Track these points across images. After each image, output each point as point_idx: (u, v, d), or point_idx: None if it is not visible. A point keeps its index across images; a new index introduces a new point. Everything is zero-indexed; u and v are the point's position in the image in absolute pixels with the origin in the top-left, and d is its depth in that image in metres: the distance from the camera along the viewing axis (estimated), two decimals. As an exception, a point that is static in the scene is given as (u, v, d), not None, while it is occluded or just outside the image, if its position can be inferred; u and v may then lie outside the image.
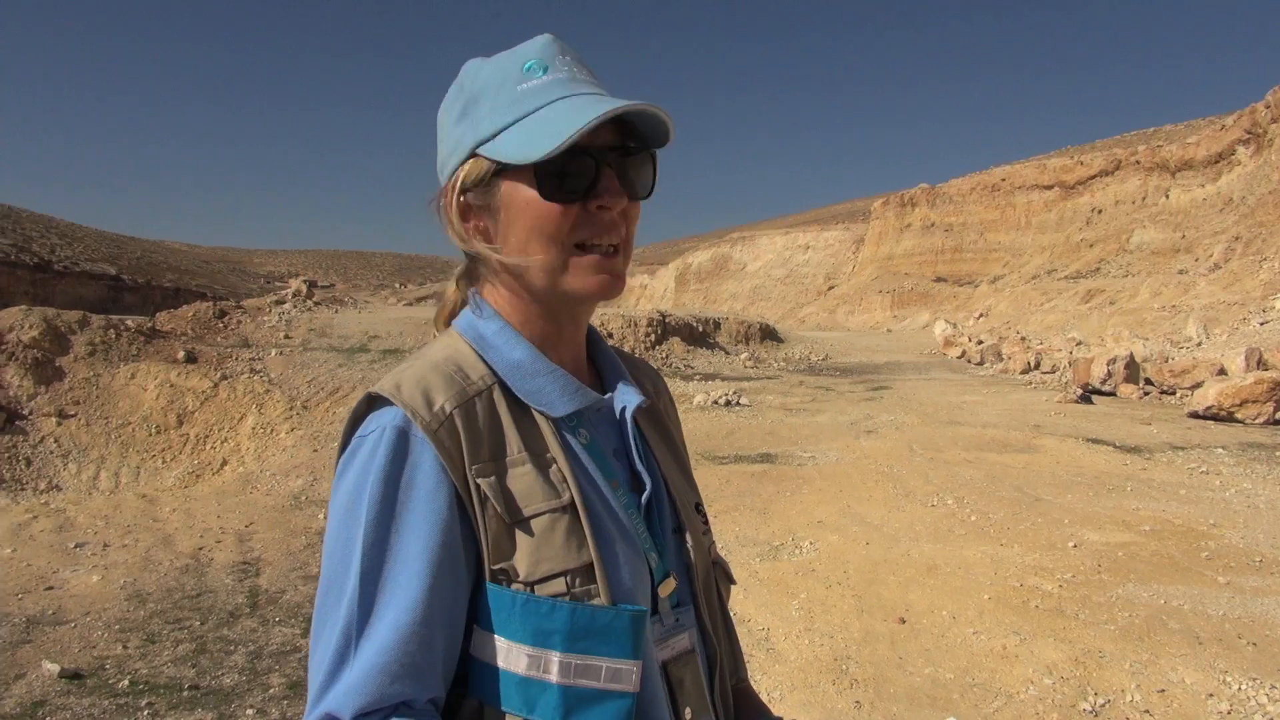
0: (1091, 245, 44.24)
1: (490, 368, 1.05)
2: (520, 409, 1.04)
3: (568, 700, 0.94)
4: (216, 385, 14.46)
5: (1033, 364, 22.21)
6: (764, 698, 4.55)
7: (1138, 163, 45.28)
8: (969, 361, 26.15)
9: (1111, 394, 16.76)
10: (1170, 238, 38.74)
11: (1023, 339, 27.08)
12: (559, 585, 0.96)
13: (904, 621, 5.52)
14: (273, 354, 16.60)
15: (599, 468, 1.05)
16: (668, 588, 1.07)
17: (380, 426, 0.96)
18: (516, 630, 0.95)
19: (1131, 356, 17.55)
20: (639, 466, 1.11)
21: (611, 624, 0.96)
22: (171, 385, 14.30)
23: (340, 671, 0.90)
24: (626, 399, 1.12)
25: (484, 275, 1.11)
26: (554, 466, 1.01)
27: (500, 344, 1.06)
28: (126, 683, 5.09)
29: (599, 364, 1.19)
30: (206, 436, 13.49)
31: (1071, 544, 6.87)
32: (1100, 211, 46.31)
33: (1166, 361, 17.74)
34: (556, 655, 0.94)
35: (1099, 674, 4.70)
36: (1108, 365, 17.16)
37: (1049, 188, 51.33)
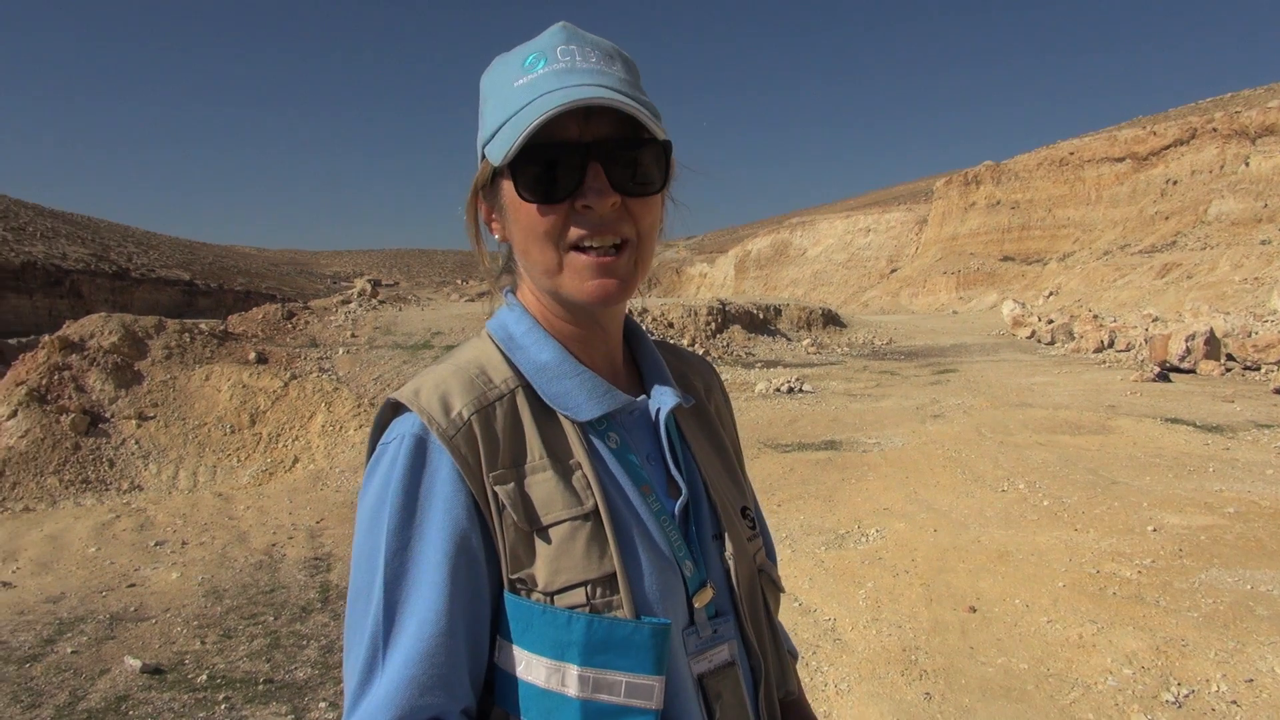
0: (1167, 218, 42.72)
1: (516, 369, 1.02)
2: (545, 412, 1.00)
3: (587, 714, 0.91)
4: (287, 385, 14.80)
5: (1106, 342, 21.53)
6: (831, 689, 4.50)
7: (1215, 130, 43.54)
8: (1039, 341, 25.46)
9: (1191, 371, 16.16)
10: (1251, 207, 37.21)
11: (1095, 317, 26.26)
12: (579, 596, 0.92)
13: (975, 610, 5.39)
14: (340, 353, 16.94)
15: (629, 473, 1.01)
16: (704, 598, 1.02)
17: (400, 434, 0.95)
18: (535, 641, 0.92)
19: (1211, 332, 16.88)
20: (674, 471, 1.06)
21: (631, 637, 0.92)
22: (244, 386, 14.68)
23: (370, 683, 0.89)
24: (662, 400, 1.07)
25: (517, 273, 1.08)
26: (578, 473, 0.97)
27: (528, 344, 1.03)
28: (204, 677, 5.23)
29: (640, 363, 1.14)
30: (278, 435, 13.82)
31: (1150, 528, 6.63)
32: (1175, 182, 44.67)
33: (1249, 336, 17.05)
34: (575, 668, 0.91)
35: (1182, 663, 4.51)
36: (1186, 342, 16.54)
37: (1120, 160, 49.69)
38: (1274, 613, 5.02)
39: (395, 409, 0.98)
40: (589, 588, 0.93)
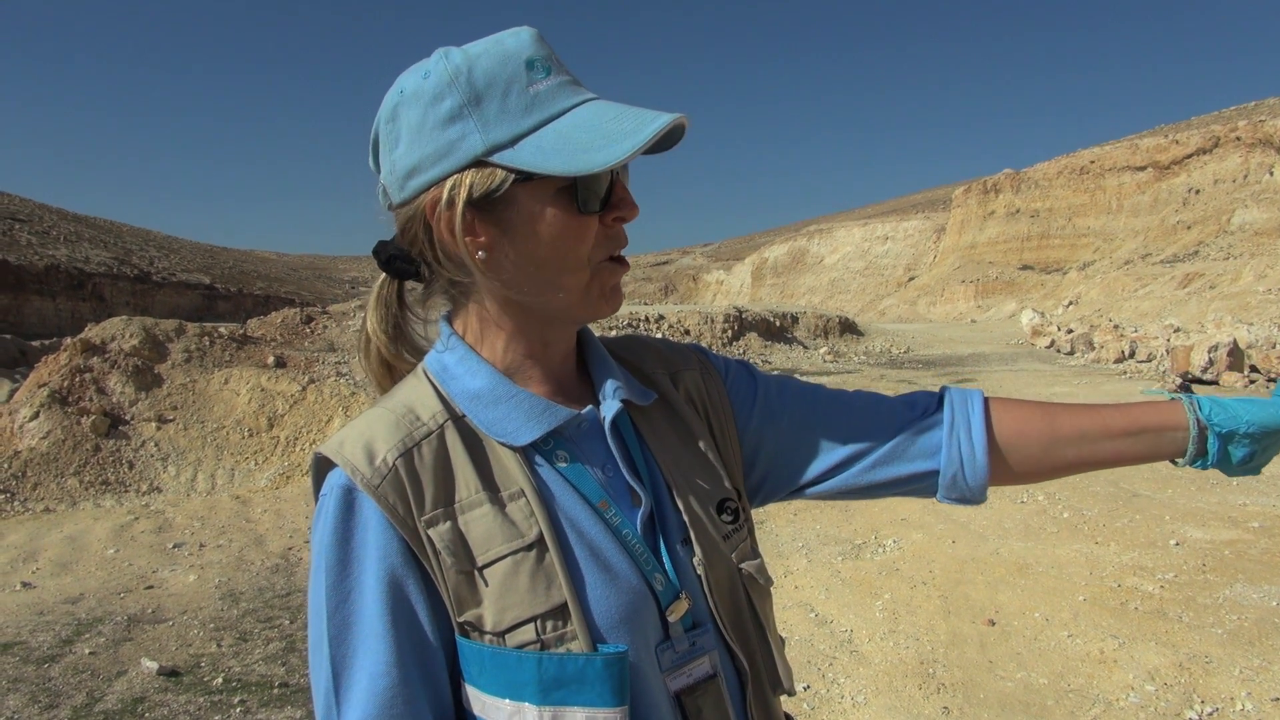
0: (1189, 227, 42.36)
1: (448, 403, 0.98)
2: (481, 443, 0.96)
3: None
4: (304, 389, 14.87)
5: (1127, 353, 21.34)
6: (848, 702, 4.47)
7: (1238, 139, 43.16)
8: (1058, 351, 25.28)
9: (1214, 383, 15.99)
10: (1275, 217, 36.88)
11: (1116, 327, 26.02)
12: (528, 633, 0.89)
13: (993, 623, 5.33)
14: (357, 357, 17.02)
15: (582, 491, 0.96)
16: (678, 610, 0.98)
17: (330, 488, 0.92)
18: (490, 683, 0.89)
19: (1235, 343, 16.70)
20: (630, 479, 1.00)
21: (584, 670, 0.88)
22: (262, 389, 14.76)
23: None
24: (609, 406, 1.02)
25: (458, 298, 1.02)
26: (520, 501, 0.93)
27: (461, 373, 0.99)
28: (220, 680, 5.24)
29: (591, 369, 1.08)
30: (296, 439, 13.88)
31: (1173, 542, 6.55)
32: (1198, 192, 44.30)
33: (1274, 347, 16.84)
34: (532, 708, 0.88)
35: (1205, 681, 4.45)
36: (1209, 352, 16.37)
37: (1141, 169, 49.34)
38: (1300, 630, 4.94)
39: (326, 462, 0.95)
40: (538, 623, 0.89)
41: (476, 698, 0.90)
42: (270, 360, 16.03)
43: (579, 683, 0.88)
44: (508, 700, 0.89)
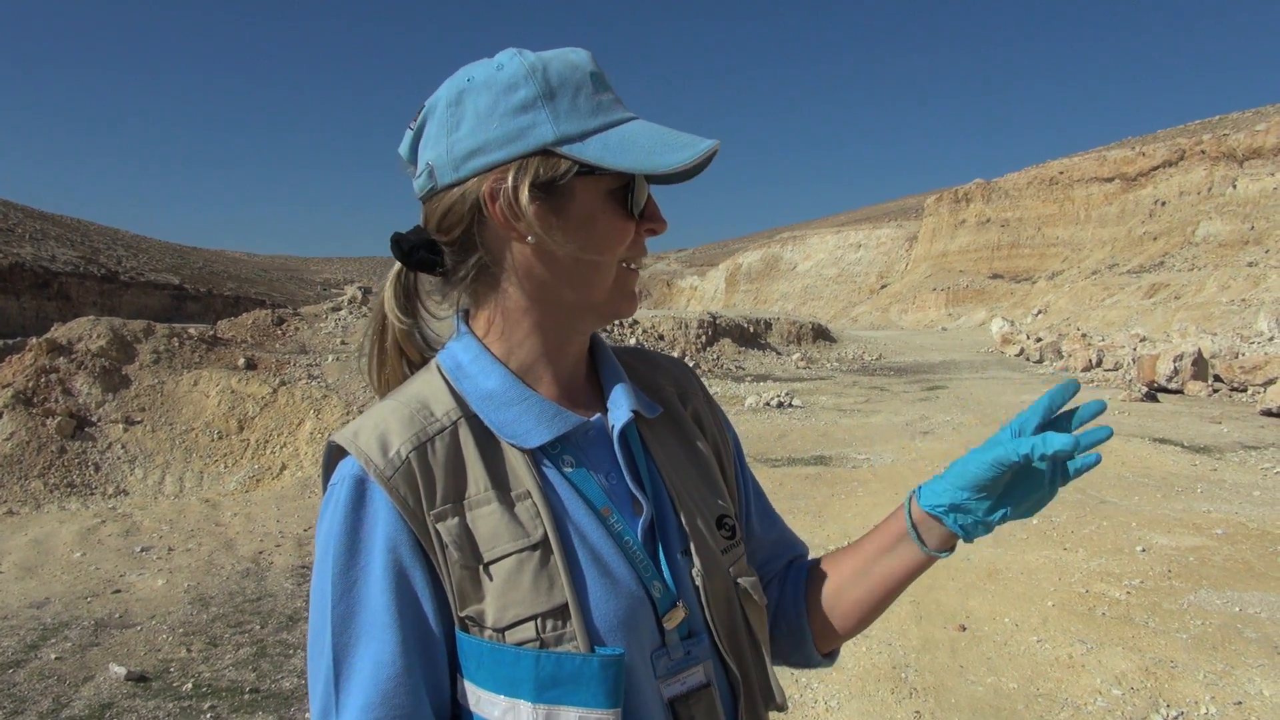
0: (1155, 238, 43.09)
1: (460, 400, 1.00)
2: (492, 442, 0.98)
3: None
4: (275, 391, 14.72)
5: (1094, 361, 21.66)
6: (821, 706, 4.50)
7: (1203, 152, 43.97)
8: (1028, 359, 25.60)
9: (1178, 391, 16.26)
10: (1238, 229, 37.60)
11: (1083, 335, 26.41)
12: (528, 630, 0.90)
13: (964, 629, 5.39)
14: (329, 360, 16.87)
15: (585, 497, 0.98)
16: (674, 618, 0.99)
17: (342, 477, 0.93)
18: (487, 679, 0.91)
19: (1199, 352, 17.00)
20: (633, 488, 1.02)
21: (580, 670, 0.90)
22: (232, 391, 14.59)
23: None
24: (618, 415, 1.04)
25: (482, 291, 1.03)
26: (526, 502, 0.94)
27: (475, 372, 1.01)
28: (190, 685, 5.18)
29: (601, 377, 1.11)
30: (266, 441, 13.74)
31: (1139, 548, 6.66)
32: (1164, 203, 45.07)
33: (1236, 357, 17.18)
34: (527, 705, 0.89)
35: (1171, 685, 4.53)
36: (1174, 362, 16.65)
37: (1109, 180, 50.14)
38: (1262, 635, 5.04)
39: (336, 451, 0.97)
40: (539, 621, 0.90)
41: (473, 693, 0.92)
42: (241, 362, 15.86)
43: (575, 682, 0.89)
44: (503, 696, 0.90)
